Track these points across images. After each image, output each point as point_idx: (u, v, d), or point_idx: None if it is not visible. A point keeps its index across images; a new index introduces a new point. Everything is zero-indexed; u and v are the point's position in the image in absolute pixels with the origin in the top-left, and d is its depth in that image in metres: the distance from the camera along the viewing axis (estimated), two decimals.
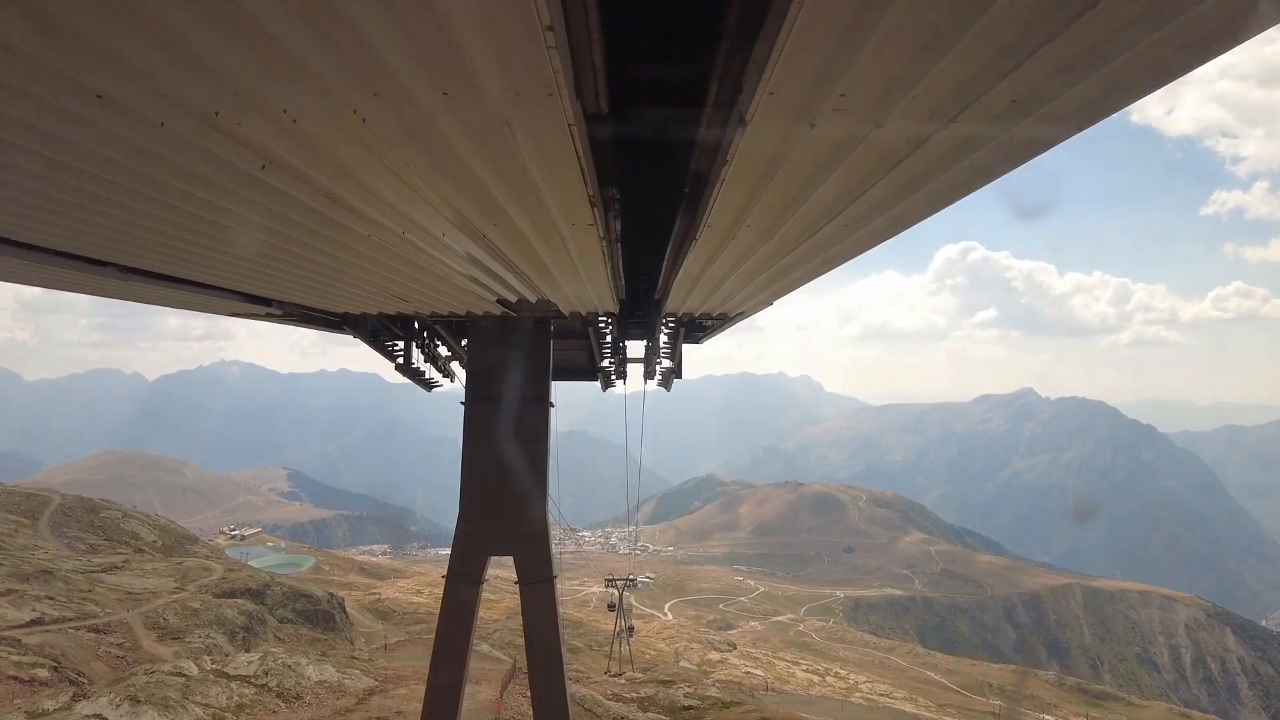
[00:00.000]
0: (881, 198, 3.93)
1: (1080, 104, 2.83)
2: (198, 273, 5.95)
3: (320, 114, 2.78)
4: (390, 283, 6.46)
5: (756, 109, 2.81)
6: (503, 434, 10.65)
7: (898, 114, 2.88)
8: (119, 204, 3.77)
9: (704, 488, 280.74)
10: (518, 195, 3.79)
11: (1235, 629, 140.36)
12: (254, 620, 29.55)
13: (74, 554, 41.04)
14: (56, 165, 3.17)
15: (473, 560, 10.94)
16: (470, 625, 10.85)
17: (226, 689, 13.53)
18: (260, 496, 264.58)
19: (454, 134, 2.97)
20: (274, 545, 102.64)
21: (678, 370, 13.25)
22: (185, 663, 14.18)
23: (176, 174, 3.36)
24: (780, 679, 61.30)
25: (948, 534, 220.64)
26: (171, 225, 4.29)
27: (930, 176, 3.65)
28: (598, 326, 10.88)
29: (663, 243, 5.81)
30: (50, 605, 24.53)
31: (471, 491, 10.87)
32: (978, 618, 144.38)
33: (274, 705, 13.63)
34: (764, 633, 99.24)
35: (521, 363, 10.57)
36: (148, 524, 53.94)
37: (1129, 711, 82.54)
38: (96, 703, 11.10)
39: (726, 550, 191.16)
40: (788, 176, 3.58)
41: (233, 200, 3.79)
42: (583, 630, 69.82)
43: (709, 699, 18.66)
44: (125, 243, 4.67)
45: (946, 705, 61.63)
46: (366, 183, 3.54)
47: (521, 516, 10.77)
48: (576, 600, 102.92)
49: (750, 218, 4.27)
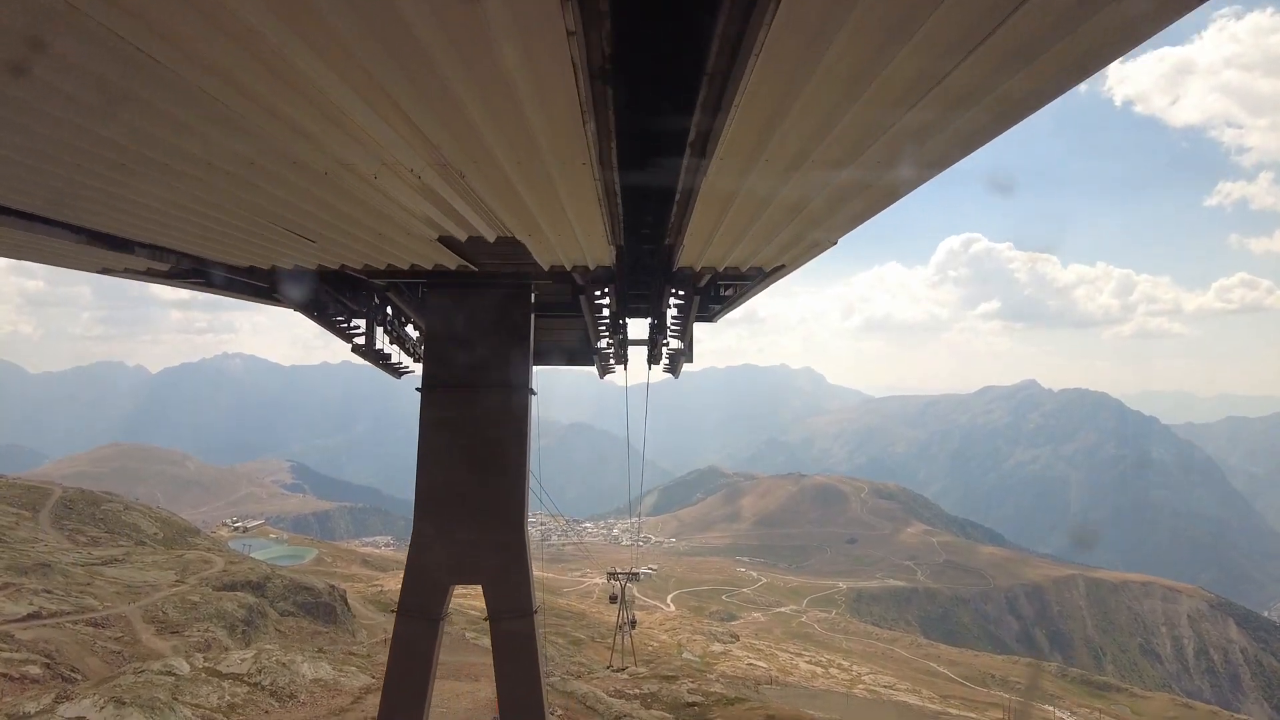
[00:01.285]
0: (1001, 58, 2.82)
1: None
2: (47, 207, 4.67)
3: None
4: (292, 209, 4.79)
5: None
6: (470, 431, 8.70)
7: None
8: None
9: (706, 479, 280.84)
10: (470, 66, 2.85)
11: (1238, 620, 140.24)
12: (254, 613, 29.32)
13: (75, 546, 40.88)
14: None
15: (431, 592, 8.89)
16: (430, 666, 8.98)
17: (218, 688, 13.21)
18: (263, 489, 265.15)
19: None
20: (276, 537, 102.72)
21: (688, 352, 11.16)
22: (176, 661, 13.85)
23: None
24: (783, 671, 61.16)
25: (950, 525, 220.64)
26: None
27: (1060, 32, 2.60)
28: (591, 297, 8.89)
29: (674, 155, 4.39)
30: (48, 599, 24.30)
31: (429, 506, 8.77)
32: (980, 609, 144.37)
33: (267, 705, 13.32)
34: (766, 624, 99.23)
35: (495, 339, 8.62)
36: (149, 516, 53.81)
37: (1131, 703, 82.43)
38: (80, 704, 10.73)
39: (729, 542, 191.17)
40: (858, 31, 2.62)
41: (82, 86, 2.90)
42: (585, 622, 69.80)
43: (713, 695, 18.36)
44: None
45: (950, 696, 61.45)
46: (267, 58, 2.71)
47: (494, 536, 8.72)
48: (579, 591, 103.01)
49: (800, 102, 3.15)
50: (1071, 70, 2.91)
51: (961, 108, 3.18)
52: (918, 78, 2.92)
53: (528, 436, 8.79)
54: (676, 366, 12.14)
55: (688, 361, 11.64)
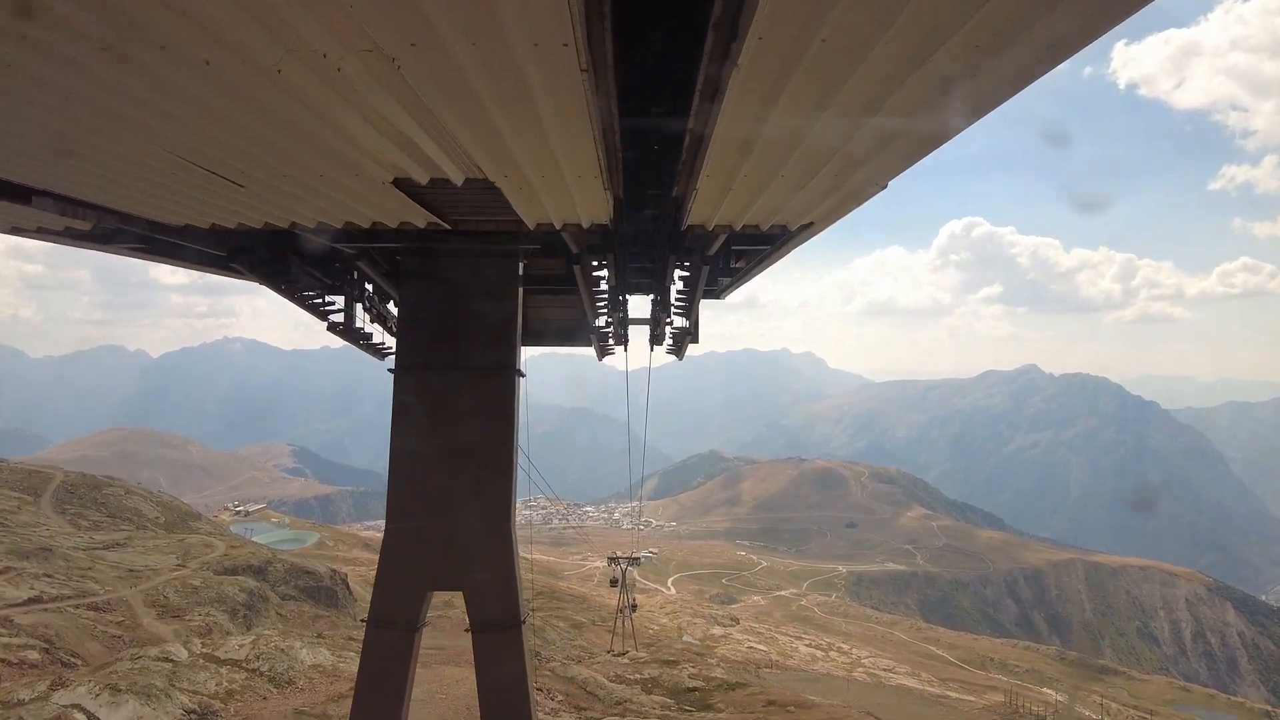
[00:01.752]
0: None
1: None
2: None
3: None
4: (192, 133, 3.82)
5: None
6: (450, 418, 7.85)
7: None
8: None
9: (707, 464, 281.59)
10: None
11: (1236, 604, 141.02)
12: (255, 598, 29.37)
13: (76, 531, 40.96)
14: None
15: (406, 600, 8.04)
16: (405, 682, 8.24)
17: (216, 674, 13.18)
18: (265, 473, 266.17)
19: None
20: (278, 521, 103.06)
21: (693, 332, 10.28)
22: (174, 647, 13.82)
23: None
24: (783, 654, 61.52)
25: (950, 509, 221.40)
26: None
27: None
28: (588, 268, 8.01)
29: (684, 85, 3.58)
30: (49, 583, 24.30)
31: (403, 502, 7.94)
32: (979, 592, 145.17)
33: (265, 690, 13.28)
34: (766, 607, 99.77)
35: (478, 315, 7.80)
36: (150, 501, 53.88)
37: (1129, 685, 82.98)
38: (75, 692, 10.69)
39: (729, 525, 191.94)
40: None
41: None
42: (586, 605, 70.14)
43: (714, 680, 18.37)
44: None
45: (949, 679, 61.82)
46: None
47: (476, 537, 7.85)
48: (580, 574, 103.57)
49: (834, 14, 2.55)
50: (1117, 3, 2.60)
51: (1010, 41, 2.79)
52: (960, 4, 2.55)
53: (515, 424, 7.94)
54: (681, 347, 11.25)
55: (693, 342, 10.75)
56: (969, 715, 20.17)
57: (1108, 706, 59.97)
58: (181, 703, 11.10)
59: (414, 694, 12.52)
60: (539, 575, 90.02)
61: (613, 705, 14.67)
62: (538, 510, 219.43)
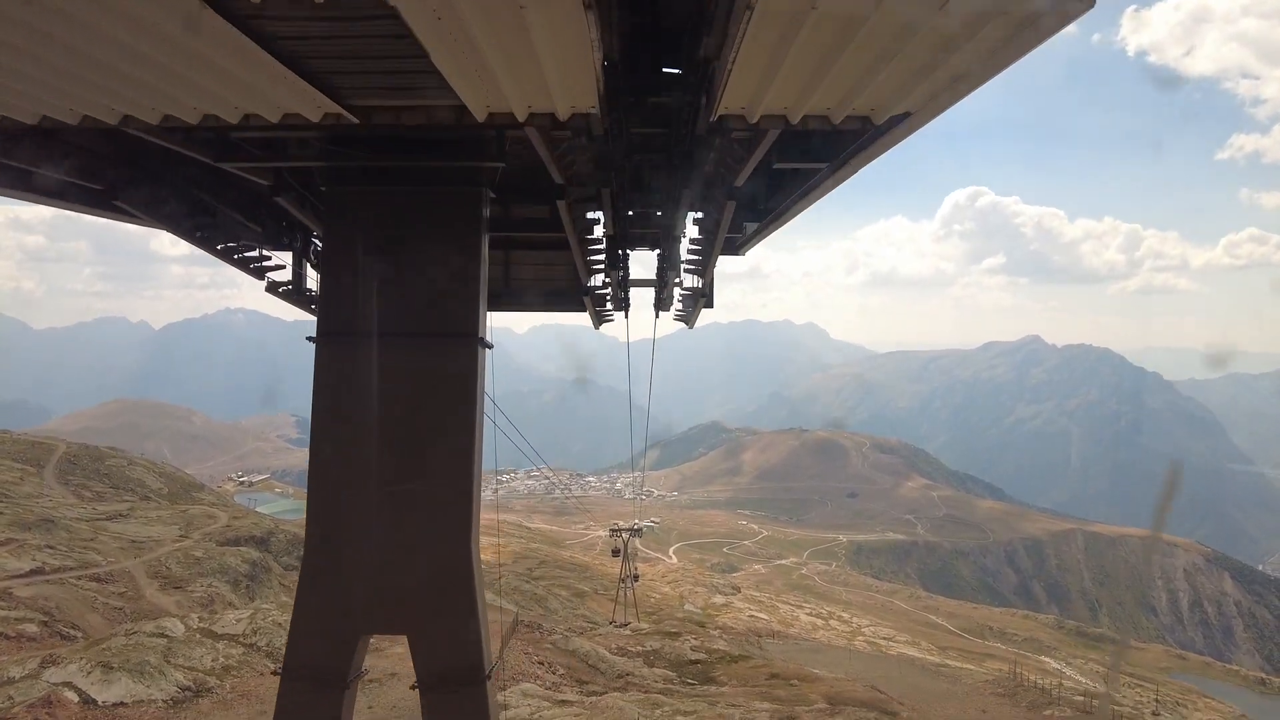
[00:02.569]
0: None
1: None
2: None
3: None
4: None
5: None
6: (391, 401, 5.87)
7: None
8: None
9: (708, 434, 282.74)
10: None
11: (1234, 574, 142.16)
12: (258, 568, 29.45)
13: (80, 502, 41.11)
14: None
15: (333, 646, 6.15)
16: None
17: (212, 649, 13.11)
18: (268, 443, 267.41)
19: None
20: (281, 491, 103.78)
21: (708, 295, 8.38)
22: (170, 622, 13.75)
23: None
24: (784, 623, 62.12)
25: (951, 480, 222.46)
26: None
27: None
28: (575, 204, 6.05)
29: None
30: (51, 555, 24.29)
31: (327, 519, 6.14)
32: (979, 562, 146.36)
33: (262, 666, 13.20)
34: (767, 575, 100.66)
35: (428, 265, 5.93)
36: (153, 472, 54.07)
37: (1126, 653, 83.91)
38: (66, 669, 10.59)
39: (730, 495, 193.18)
40: None
41: None
42: (588, 574, 70.78)
43: (716, 653, 18.37)
44: None
45: (949, 648, 62.47)
46: None
47: (425, 565, 5.98)
48: (583, 544, 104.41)
49: None
50: None
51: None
52: None
53: (478, 410, 6.07)
54: (693, 313, 9.34)
55: (707, 306, 8.76)
56: (971, 687, 20.21)
57: (1106, 675, 60.76)
58: (176, 679, 11.02)
59: (410, 669, 12.29)
60: (541, 544, 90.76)
61: (614, 679, 14.61)
62: (540, 480, 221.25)
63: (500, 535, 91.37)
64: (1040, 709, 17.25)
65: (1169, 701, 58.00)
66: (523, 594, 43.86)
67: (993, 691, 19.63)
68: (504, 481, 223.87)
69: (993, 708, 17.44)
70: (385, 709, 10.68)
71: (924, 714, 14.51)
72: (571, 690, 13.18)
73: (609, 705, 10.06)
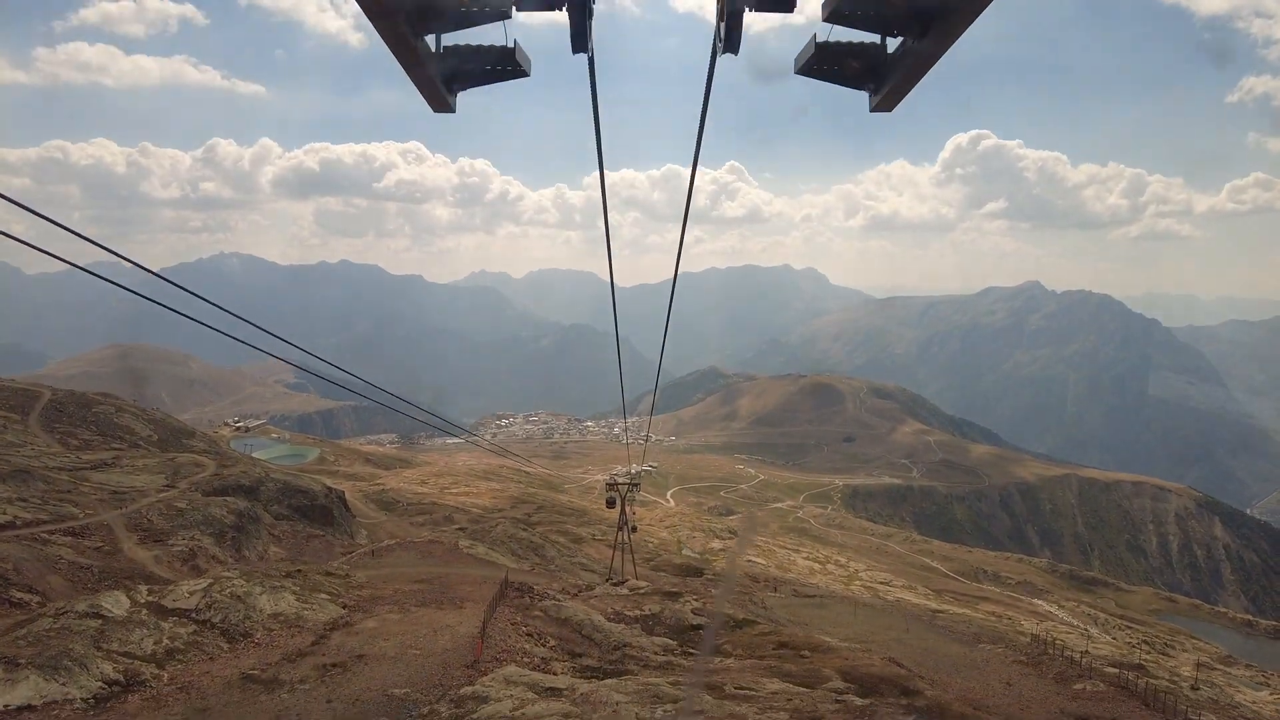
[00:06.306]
0: None
1: None
2: None
3: None
4: None
5: None
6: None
7: None
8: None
9: (706, 380, 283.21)
10: None
11: (1223, 518, 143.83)
12: (245, 519, 28.51)
13: (65, 450, 40.04)
14: None
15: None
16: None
17: (155, 631, 11.76)
18: (267, 388, 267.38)
19: None
20: (278, 437, 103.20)
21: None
22: (109, 599, 12.25)
23: None
24: (782, 567, 62.30)
25: (947, 425, 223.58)
26: None
27: None
28: None
29: None
30: (23, 508, 23.26)
31: None
32: (974, 506, 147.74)
33: (215, 647, 11.96)
34: (763, 519, 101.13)
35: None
36: (142, 419, 52.93)
37: (1117, 596, 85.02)
38: None
39: (727, 440, 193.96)
40: None
41: None
42: (586, 518, 70.73)
43: (719, 617, 17.46)
44: None
45: (943, 591, 62.82)
46: None
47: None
48: (580, 487, 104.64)
49: None
50: None
51: None
52: None
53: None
54: (732, 36, 5.04)
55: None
56: (992, 654, 19.45)
57: (1097, 616, 61.24)
58: (102, 672, 9.69)
59: (382, 651, 11.18)
60: (539, 489, 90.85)
61: (610, 650, 13.68)
62: (539, 425, 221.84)
63: (498, 480, 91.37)
64: (1069, 682, 16.42)
65: (1158, 643, 58.74)
66: (519, 542, 43.29)
67: (1015, 660, 18.87)
68: (503, 426, 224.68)
69: (1018, 680, 16.63)
70: (346, 703, 9.49)
71: (945, 688, 13.67)
72: (562, 666, 12.21)
73: (603, 699, 9.01)
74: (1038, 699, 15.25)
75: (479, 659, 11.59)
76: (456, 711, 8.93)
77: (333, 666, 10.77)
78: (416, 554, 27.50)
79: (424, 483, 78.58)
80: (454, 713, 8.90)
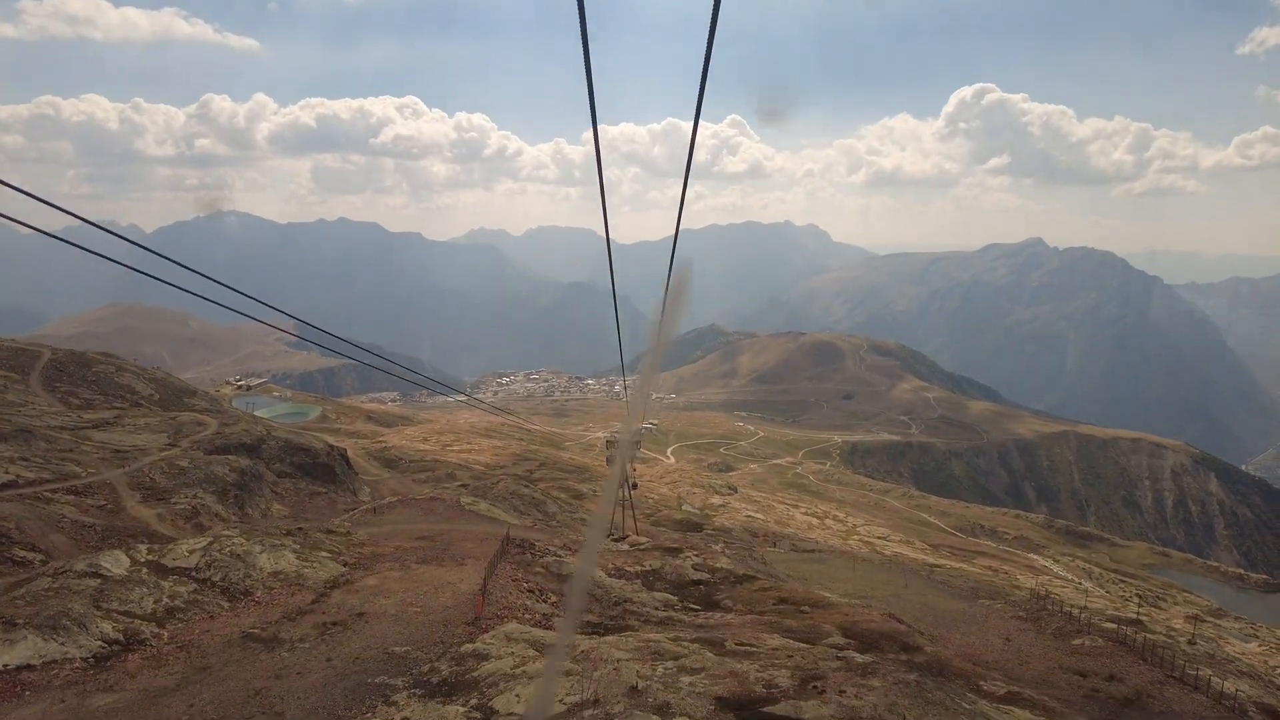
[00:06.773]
0: None
1: None
2: None
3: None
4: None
5: None
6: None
7: None
8: None
9: (706, 337, 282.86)
10: None
11: (1219, 474, 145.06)
12: (247, 477, 28.63)
13: (66, 410, 40.07)
14: None
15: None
16: None
17: (155, 589, 11.84)
18: (268, 346, 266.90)
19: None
20: (280, 395, 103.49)
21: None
22: (110, 558, 12.31)
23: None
24: (780, 522, 62.99)
25: (946, 382, 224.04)
26: None
27: None
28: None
29: None
30: (25, 467, 23.32)
31: None
32: (972, 462, 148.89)
33: (215, 605, 12.01)
34: (763, 475, 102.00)
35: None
36: (142, 378, 52.88)
37: (1111, 551, 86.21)
38: None
39: (726, 397, 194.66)
40: None
41: None
42: (587, 475, 71.34)
43: (720, 572, 17.59)
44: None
45: (940, 546, 63.62)
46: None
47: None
48: (581, 445, 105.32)
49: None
50: None
51: None
52: None
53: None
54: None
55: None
56: (991, 609, 19.64)
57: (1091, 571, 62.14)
58: (101, 631, 9.73)
59: (383, 608, 11.18)
60: (541, 446, 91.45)
61: (611, 606, 13.78)
62: (539, 383, 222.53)
63: (500, 437, 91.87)
64: (1068, 637, 16.55)
65: (1150, 596, 59.72)
66: (521, 498, 43.61)
67: (1014, 615, 19.03)
68: (504, 384, 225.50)
69: (1017, 635, 16.77)
70: (346, 661, 9.53)
71: (945, 644, 13.78)
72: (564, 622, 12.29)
73: (604, 656, 9.04)
74: (1037, 654, 15.42)
75: (480, 616, 11.66)
76: (457, 669, 8.98)
77: (333, 625, 10.83)
78: (418, 511, 27.67)
79: (426, 440, 79.01)
80: (454, 670, 8.95)
